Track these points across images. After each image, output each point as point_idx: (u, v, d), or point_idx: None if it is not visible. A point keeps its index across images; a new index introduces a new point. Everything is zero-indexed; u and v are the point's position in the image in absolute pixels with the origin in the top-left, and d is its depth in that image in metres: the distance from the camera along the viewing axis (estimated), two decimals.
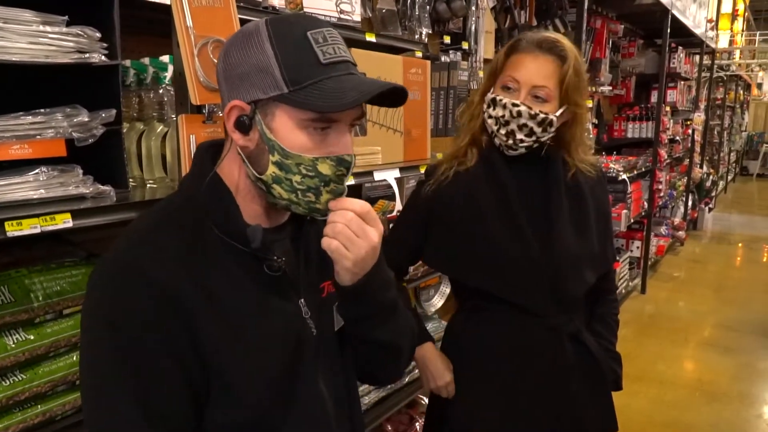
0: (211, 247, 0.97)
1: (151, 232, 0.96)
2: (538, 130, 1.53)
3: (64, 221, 1.20)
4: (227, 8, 1.38)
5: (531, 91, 1.52)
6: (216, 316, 0.93)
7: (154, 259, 0.91)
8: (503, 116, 1.54)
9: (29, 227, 1.15)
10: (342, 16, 2.13)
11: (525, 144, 1.56)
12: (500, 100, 1.54)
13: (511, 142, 1.55)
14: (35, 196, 1.28)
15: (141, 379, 0.89)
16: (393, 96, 1.00)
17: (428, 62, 2.50)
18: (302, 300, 1.07)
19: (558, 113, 1.54)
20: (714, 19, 8.54)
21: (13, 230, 1.13)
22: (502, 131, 1.55)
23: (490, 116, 1.58)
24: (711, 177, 10.53)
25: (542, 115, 1.51)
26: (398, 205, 2.16)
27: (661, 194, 6.68)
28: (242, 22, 1.40)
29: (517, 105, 1.51)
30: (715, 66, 9.48)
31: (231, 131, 0.97)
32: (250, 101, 0.95)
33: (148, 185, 1.67)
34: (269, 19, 0.97)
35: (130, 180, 1.68)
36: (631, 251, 6.13)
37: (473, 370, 1.66)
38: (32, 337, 1.26)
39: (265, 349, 0.99)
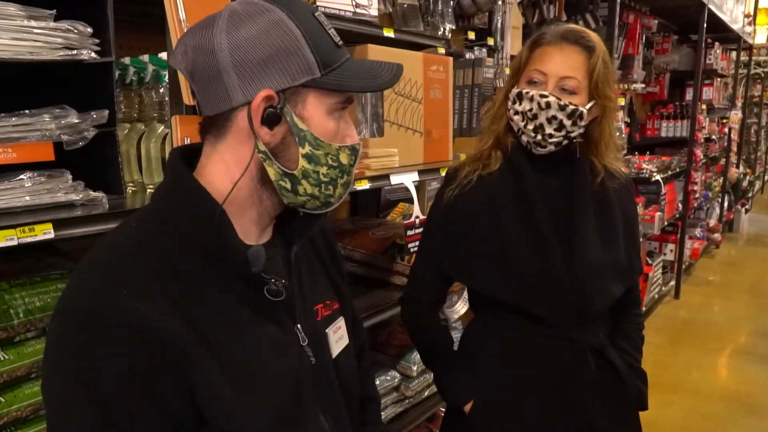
0: (197, 275, 0.85)
1: (122, 265, 0.82)
2: (567, 123, 1.44)
3: (44, 232, 1.11)
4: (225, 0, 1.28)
5: (559, 83, 1.44)
6: (208, 356, 0.81)
7: (131, 299, 0.77)
8: (530, 110, 1.45)
9: (5, 239, 1.05)
10: (358, 10, 2.02)
11: (554, 140, 1.46)
12: (527, 93, 1.46)
13: (539, 137, 1.47)
14: (19, 204, 1.19)
15: None
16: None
17: (450, 59, 2.39)
18: (299, 326, 0.96)
19: (588, 107, 1.45)
20: (751, 14, 8.25)
21: None
22: (530, 126, 1.46)
23: (516, 112, 1.49)
24: (748, 177, 10.20)
25: (572, 107, 1.43)
26: (416, 210, 2.04)
27: (696, 195, 6.45)
28: None
29: (545, 96, 1.43)
30: (753, 62, 9.19)
31: (258, 128, 0.85)
32: (278, 90, 0.84)
33: (149, 190, 1.57)
34: None
35: (130, 184, 1.60)
36: (665, 254, 5.92)
37: (488, 384, 1.57)
38: (11, 357, 1.17)
39: (266, 388, 0.87)
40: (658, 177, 5.02)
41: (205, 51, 0.85)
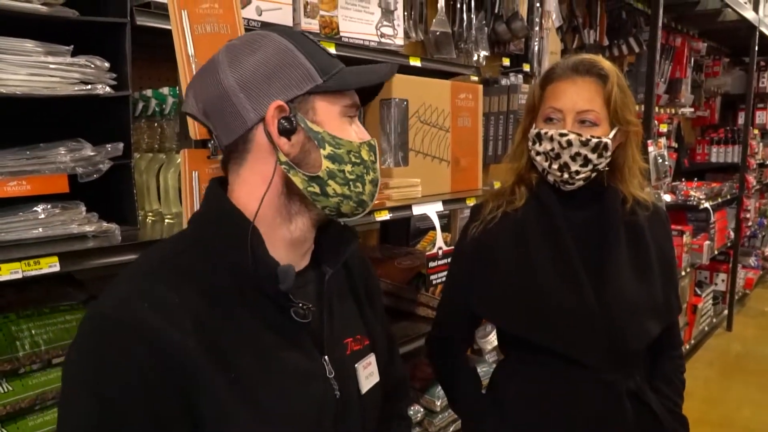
0: (224, 295, 0.86)
1: (151, 282, 0.84)
2: (593, 156, 1.39)
3: (50, 265, 1.11)
4: (234, 35, 1.28)
5: (577, 118, 1.39)
6: (223, 379, 0.82)
7: (148, 313, 0.79)
8: (552, 149, 1.40)
9: (9, 272, 1.06)
10: (383, 40, 2.01)
11: (582, 175, 1.41)
12: (546, 133, 1.41)
13: (566, 176, 1.41)
14: (32, 236, 1.21)
15: None
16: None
17: (479, 86, 2.35)
18: (326, 357, 0.95)
19: (611, 135, 1.40)
20: None
21: None
22: (555, 166, 1.41)
23: (537, 153, 1.44)
24: None
25: (595, 140, 1.38)
26: (439, 241, 2.00)
27: (750, 223, 6.20)
28: None
29: (565, 134, 1.38)
30: None
31: (277, 139, 0.88)
32: (287, 100, 0.88)
33: (167, 221, 1.58)
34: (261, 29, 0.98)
35: (150, 214, 1.61)
36: (716, 284, 5.68)
37: (519, 429, 1.49)
38: (14, 389, 1.17)
39: (285, 417, 0.87)
40: (706, 205, 4.84)
41: (212, 85, 0.90)
